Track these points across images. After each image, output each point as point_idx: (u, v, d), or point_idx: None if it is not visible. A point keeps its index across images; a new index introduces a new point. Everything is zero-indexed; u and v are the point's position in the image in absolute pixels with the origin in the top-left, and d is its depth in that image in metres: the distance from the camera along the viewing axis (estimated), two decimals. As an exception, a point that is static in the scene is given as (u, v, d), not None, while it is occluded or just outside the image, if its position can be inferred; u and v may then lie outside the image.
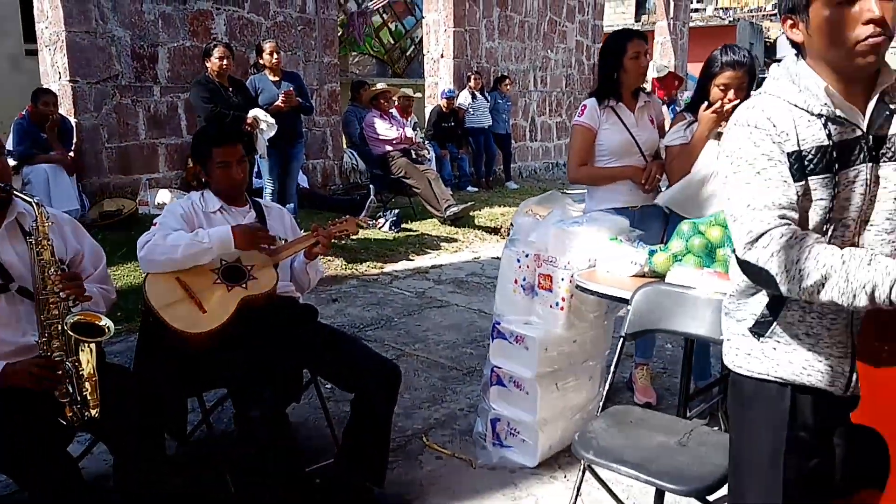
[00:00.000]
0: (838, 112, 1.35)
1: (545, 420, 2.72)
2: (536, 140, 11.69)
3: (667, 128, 3.20)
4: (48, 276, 1.95)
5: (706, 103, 2.86)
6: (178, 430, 2.47)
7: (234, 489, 2.34)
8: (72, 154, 6.03)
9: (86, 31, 6.02)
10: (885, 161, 1.36)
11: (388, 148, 7.18)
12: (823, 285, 1.24)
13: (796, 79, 1.39)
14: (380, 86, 7.64)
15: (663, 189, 3.14)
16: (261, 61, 5.96)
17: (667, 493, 1.96)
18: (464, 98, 9.52)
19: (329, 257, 5.62)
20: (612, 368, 2.33)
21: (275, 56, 5.84)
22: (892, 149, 1.35)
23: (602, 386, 2.85)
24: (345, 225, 2.71)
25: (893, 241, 1.37)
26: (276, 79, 5.87)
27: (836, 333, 1.39)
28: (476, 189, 9.40)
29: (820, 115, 1.35)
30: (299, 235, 2.73)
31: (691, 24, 16.75)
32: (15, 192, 2.02)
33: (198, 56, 6.20)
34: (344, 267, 5.57)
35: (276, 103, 5.60)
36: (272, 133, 5.43)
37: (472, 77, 9.52)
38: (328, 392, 3.06)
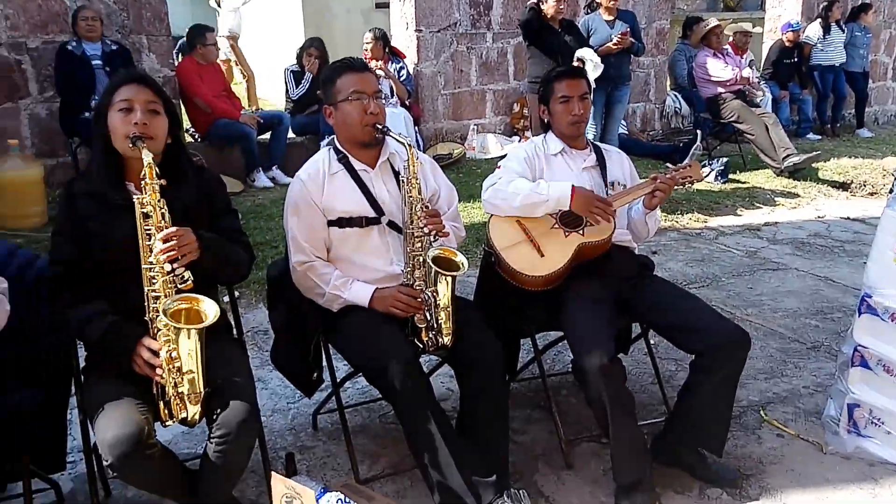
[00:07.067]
0: None
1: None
2: (900, 80, 9.74)
3: None
4: (415, 212, 2.13)
5: None
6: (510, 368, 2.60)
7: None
8: (411, 100, 6.59)
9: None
10: None
11: (720, 90, 6.56)
12: None
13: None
14: (712, 21, 6.95)
15: None
16: (596, 1, 5.81)
17: None
18: (812, 31, 8.25)
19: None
20: None
21: (611, -5, 5.61)
22: None
23: None
24: (689, 171, 2.52)
25: None
26: (611, 18, 5.65)
27: None
28: (818, 137, 8.20)
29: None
30: (638, 182, 2.60)
31: None
32: (390, 133, 2.22)
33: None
34: (663, 218, 5.28)
35: (608, 44, 5.42)
36: (597, 74, 5.26)
37: (833, 5, 8.16)
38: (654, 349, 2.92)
